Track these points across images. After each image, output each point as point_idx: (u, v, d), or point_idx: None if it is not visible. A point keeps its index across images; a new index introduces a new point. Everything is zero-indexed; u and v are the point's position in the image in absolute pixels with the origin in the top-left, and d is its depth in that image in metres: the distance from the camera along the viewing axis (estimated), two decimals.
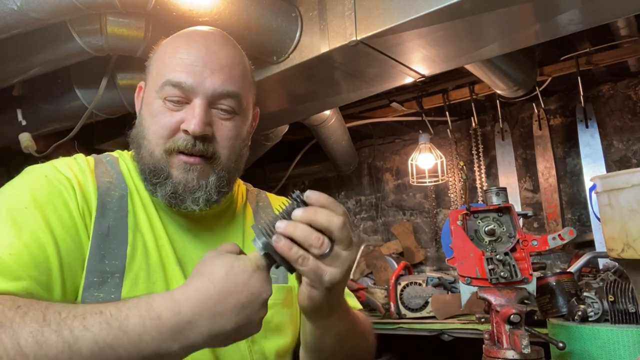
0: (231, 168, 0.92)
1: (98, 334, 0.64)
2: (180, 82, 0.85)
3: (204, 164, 0.88)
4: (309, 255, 0.71)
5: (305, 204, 0.74)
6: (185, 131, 0.86)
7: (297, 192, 0.75)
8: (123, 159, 0.97)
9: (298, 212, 0.72)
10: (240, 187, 1.09)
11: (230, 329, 0.68)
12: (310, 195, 0.74)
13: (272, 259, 0.72)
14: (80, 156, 0.92)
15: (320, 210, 0.72)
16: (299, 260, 0.71)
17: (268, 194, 1.15)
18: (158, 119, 0.87)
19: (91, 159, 0.93)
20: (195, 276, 0.71)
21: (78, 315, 0.65)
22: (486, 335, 0.96)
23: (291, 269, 0.73)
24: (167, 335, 0.66)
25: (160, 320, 0.66)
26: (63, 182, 0.84)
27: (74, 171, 0.86)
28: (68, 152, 2.30)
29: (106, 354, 0.63)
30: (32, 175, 0.85)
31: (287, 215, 0.74)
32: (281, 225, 0.71)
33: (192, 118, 0.85)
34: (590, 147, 2.72)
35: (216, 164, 0.90)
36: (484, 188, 3.04)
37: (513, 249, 0.98)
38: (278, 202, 1.10)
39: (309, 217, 0.71)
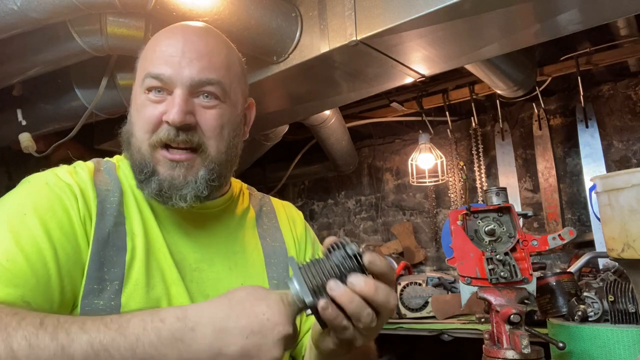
0: (222, 160, 0.89)
1: (95, 335, 0.61)
2: (159, 73, 0.85)
3: (191, 158, 0.86)
4: (351, 325, 0.67)
5: (359, 262, 0.67)
6: (167, 122, 0.84)
7: (354, 248, 0.67)
8: (121, 164, 0.96)
9: (358, 282, 0.66)
10: (244, 191, 1.08)
11: (234, 352, 0.63)
12: (372, 260, 0.67)
13: (306, 307, 0.67)
14: (79, 164, 0.92)
15: (381, 287, 0.67)
16: (339, 329, 0.68)
17: (272, 198, 1.12)
18: (142, 113, 0.87)
19: (91, 164, 0.93)
20: (218, 296, 0.68)
21: (77, 320, 0.64)
22: (486, 335, 0.96)
23: (324, 325, 0.68)
24: (167, 341, 0.62)
25: (162, 324, 0.63)
26: (64, 188, 0.84)
27: (74, 178, 0.86)
28: (68, 152, 2.31)
29: (99, 358, 0.61)
30: (33, 184, 0.85)
31: (340, 271, 0.67)
32: (336, 292, 0.65)
33: (171, 108, 0.84)
34: (590, 147, 2.72)
35: (205, 156, 0.87)
36: (484, 188, 3.04)
37: (513, 249, 0.98)
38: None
39: (368, 293, 0.66)
